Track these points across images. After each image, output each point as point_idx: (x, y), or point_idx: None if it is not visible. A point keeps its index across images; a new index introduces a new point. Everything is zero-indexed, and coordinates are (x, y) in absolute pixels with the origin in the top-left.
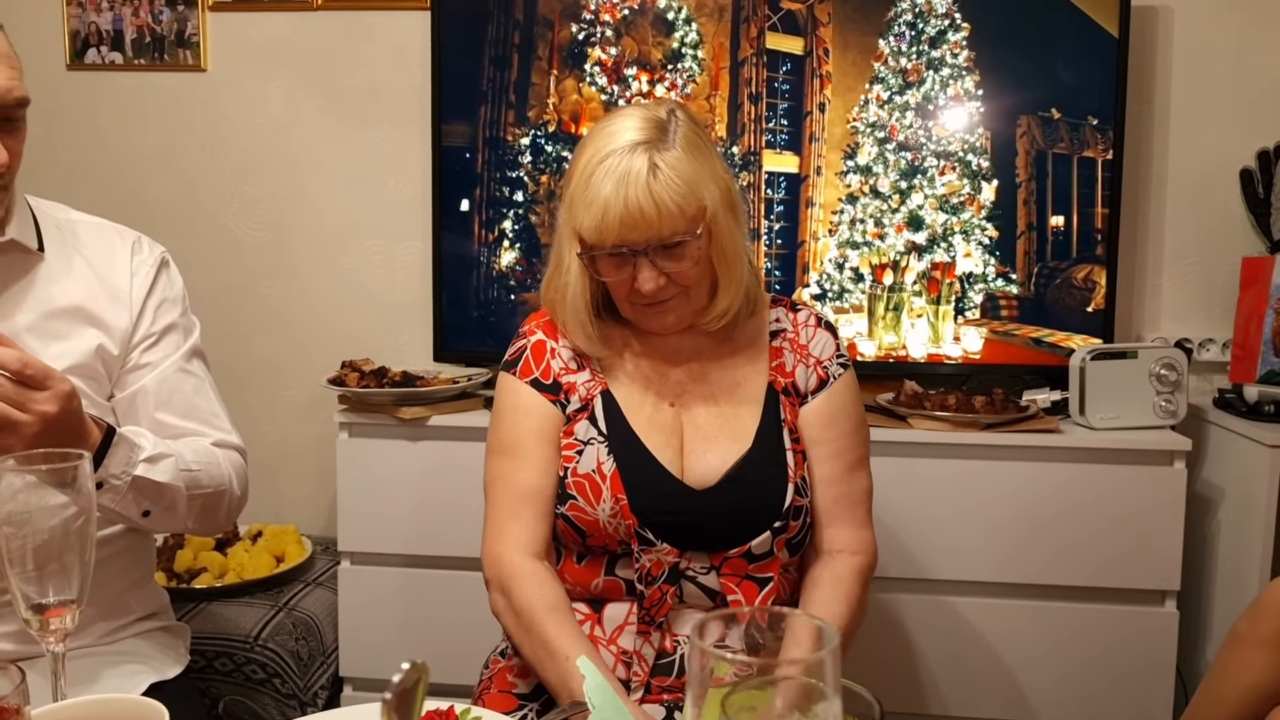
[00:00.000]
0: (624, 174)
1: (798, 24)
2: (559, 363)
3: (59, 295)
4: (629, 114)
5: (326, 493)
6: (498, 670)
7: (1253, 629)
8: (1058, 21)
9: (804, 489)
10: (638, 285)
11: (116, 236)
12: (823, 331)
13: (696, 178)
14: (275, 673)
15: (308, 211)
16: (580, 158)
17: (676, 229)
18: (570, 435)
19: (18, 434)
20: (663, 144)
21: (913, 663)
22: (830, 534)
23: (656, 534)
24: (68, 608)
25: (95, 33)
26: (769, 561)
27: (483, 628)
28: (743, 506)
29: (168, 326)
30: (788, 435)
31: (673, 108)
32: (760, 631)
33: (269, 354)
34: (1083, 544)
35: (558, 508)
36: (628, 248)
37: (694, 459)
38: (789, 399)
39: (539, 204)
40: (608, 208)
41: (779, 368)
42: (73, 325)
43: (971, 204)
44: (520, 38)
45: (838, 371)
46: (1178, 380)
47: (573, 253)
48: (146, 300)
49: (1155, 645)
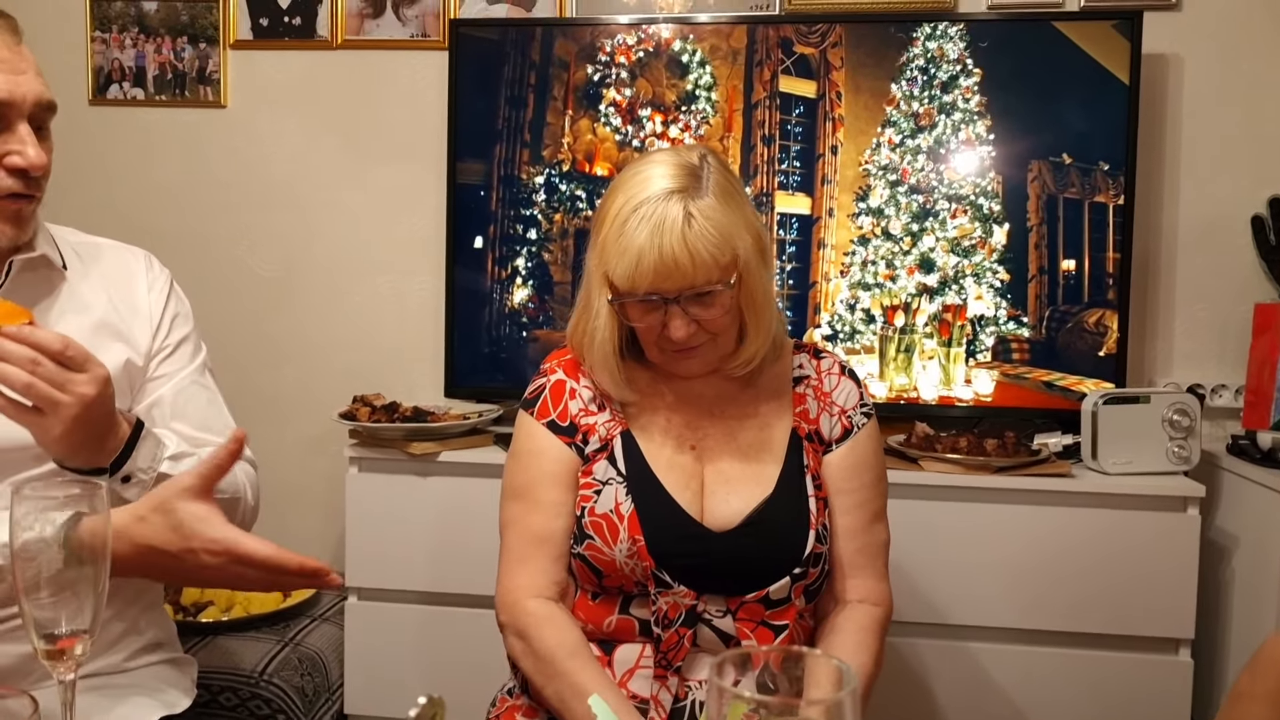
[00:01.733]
0: (659, 223)
1: (811, 68)
2: (578, 404)
3: (84, 311)
4: (661, 160)
5: (335, 527)
6: (505, 709)
7: (1252, 685)
8: (1069, 68)
9: (824, 536)
10: (668, 332)
11: (129, 254)
12: (847, 380)
13: (730, 227)
14: (280, 709)
15: (322, 247)
16: (612, 203)
17: (710, 278)
18: (589, 475)
19: (58, 415)
20: (696, 191)
21: (923, 707)
22: (851, 584)
23: (674, 576)
24: (79, 638)
25: (118, 69)
26: (786, 608)
27: (490, 666)
28: (763, 551)
29: (182, 338)
30: (810, 482)
31: (704, 153)
32: (773, 677)
33: (281, 387)
34: (1095, 590)
35: (574, 547)
36: (660, 295)
37: (714, 502)
38: (812, 445)
39: (552, 242)
40: (641, 257)
41: (803, 414)
42: (102, 340)
43: (983, 247)
44: (536, 78)
45: (861, 421)
46: (1191, 426)
47: (603, 298)
48: (163, 313)
49: (1169, 694)
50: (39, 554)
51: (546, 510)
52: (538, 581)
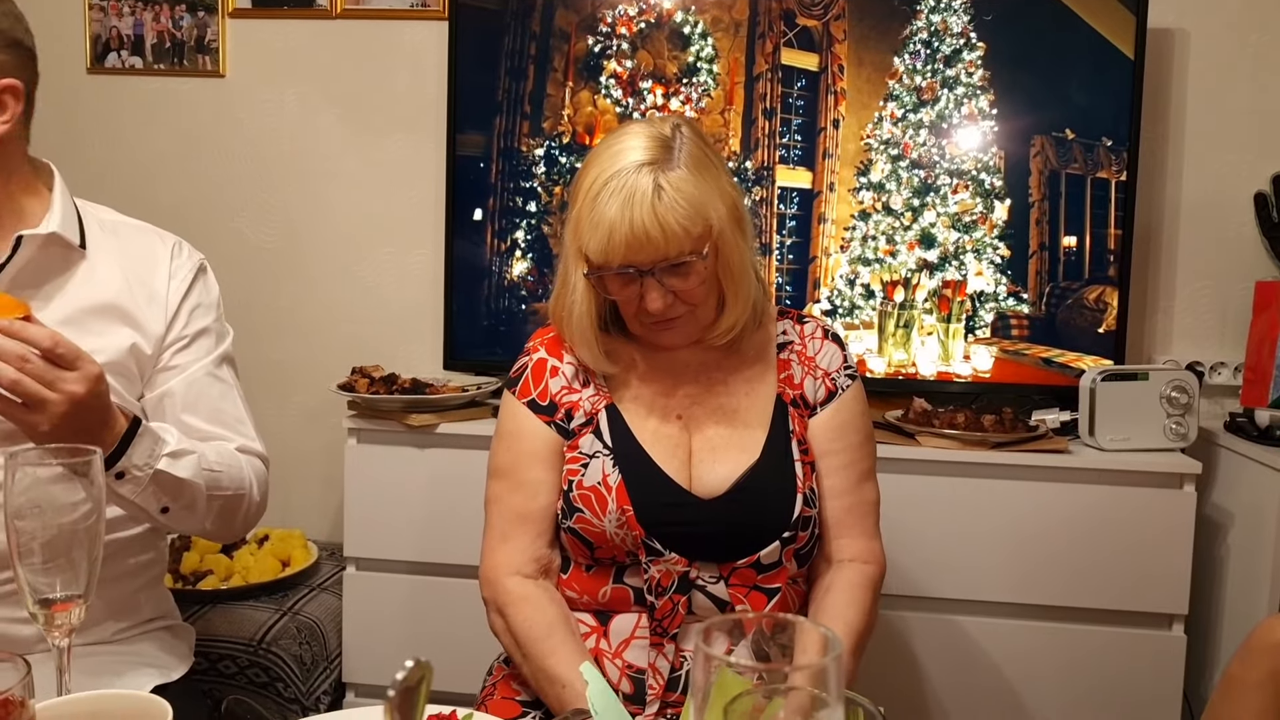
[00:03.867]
0: (629, 196)
1: (813, 40)
2: (560, 381)
3: (97, 292)
4: (633, 132)
5: (333, 498)
6: (501, 677)
7: (1244, 672)
8: (1073, 42)
9: (812, 500)
10: (645, 305)
11: (158, 239)
12: (830, 343)
13: (702, 197)
14: (278, 676)
15: (321, 218)
16: (585, 177)
17: (682, 250)
18: (575, 449)
19: (45, 412)
20: (668, 164)
21: (916, 682)
22: (841, 544)
23: (664, 544)
24: (74, 603)
25: (116, 37)
26: (777, 572)
27: (487, 636)
28: (751, 517)
29: (200, 331)
30: (796, 447)
31: (678, 124)
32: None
33: (280, 358)
34: (1090, 566)
35: (564, 521)
36: (634, 268)
37: (702, 470)
38: (797, 410)
39: (552, 215)
40: (613, 230)
41: (787, 380)
42: (108, 322)
43: (984, 223)
44: (537, 49)
45: (845, 383)
46: (1189, 403)
47: (578, 272)
48: (182, 303)
49: (1162, 670)
50: (34, 519)
51: (527, 489)
52: (516, 559)
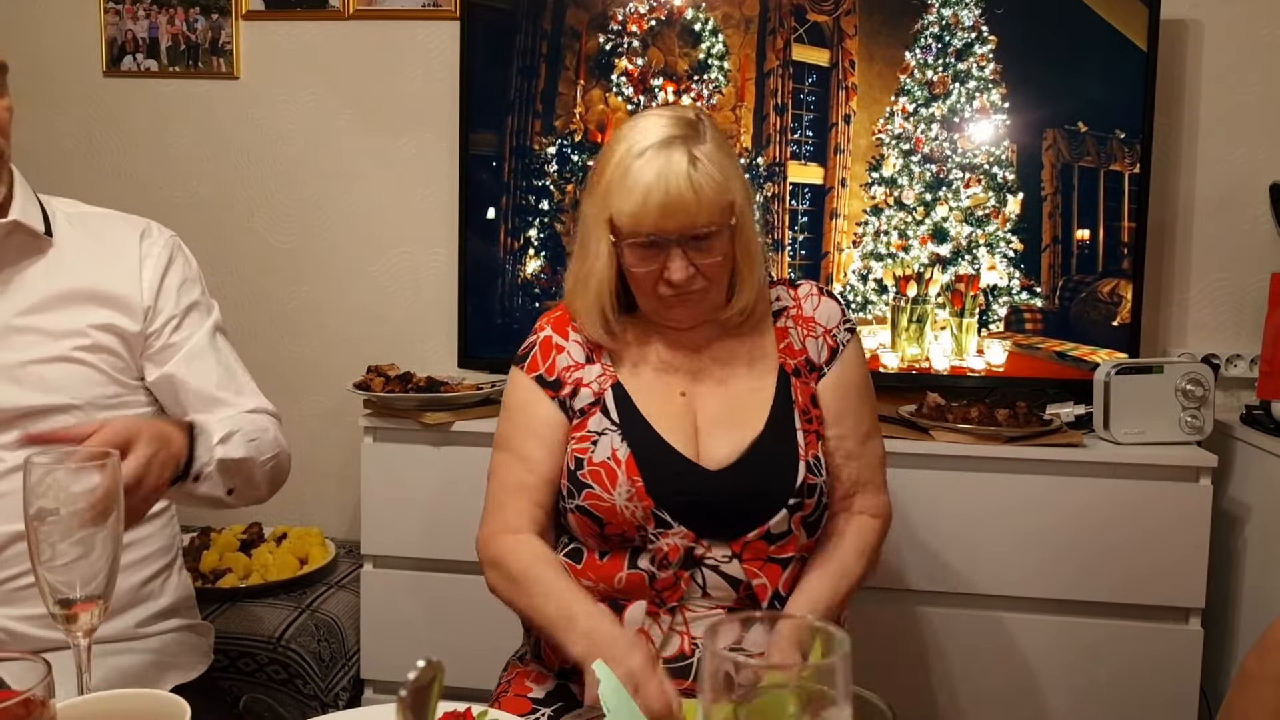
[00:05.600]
0: (665, 163)
1: (824, 36)
2: (566, 359)
3: (67, 278)
4: (659, 113)
5: (350, 496)
6: (515, 675)
7: (1260, 667)
8: (1085, 35)
9: (816, 468)
10: (668, 275)
11: (124, 223)
12: (826, 299)
13: (729, 171)
14: (297, 674)
15: (336, 218)
16: (613, 153)
17: (712, 218)
18: (583, 428)
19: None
20: (697, 139)
21: (930, 676)
22: (853, 500)
23: (673, 515)
24: (94, 603)
25: (131, 40)
26: (788, 541)
27: (503, 633)
28: (756, 486)
29: (191, 305)
30: (799, 416)
31: (698, 111)
32: None
33: (296, 358)
34: (1106, 559)
35: (574, 500)
36: (661, 236)
37: (708, 443)
38: (799, 380)
39: (564, 213)
40: (649, 194)
41: (787, 349)
42: (82, 306)
43: (996, 217)
44: (548, 48)
45: (845, 338)
46: (1204, 396)
47: (602, 242)
48: (164, 280)
49: (1179, 663)
50: (55, 520)
51: (527, 462)
52: (513, 522)
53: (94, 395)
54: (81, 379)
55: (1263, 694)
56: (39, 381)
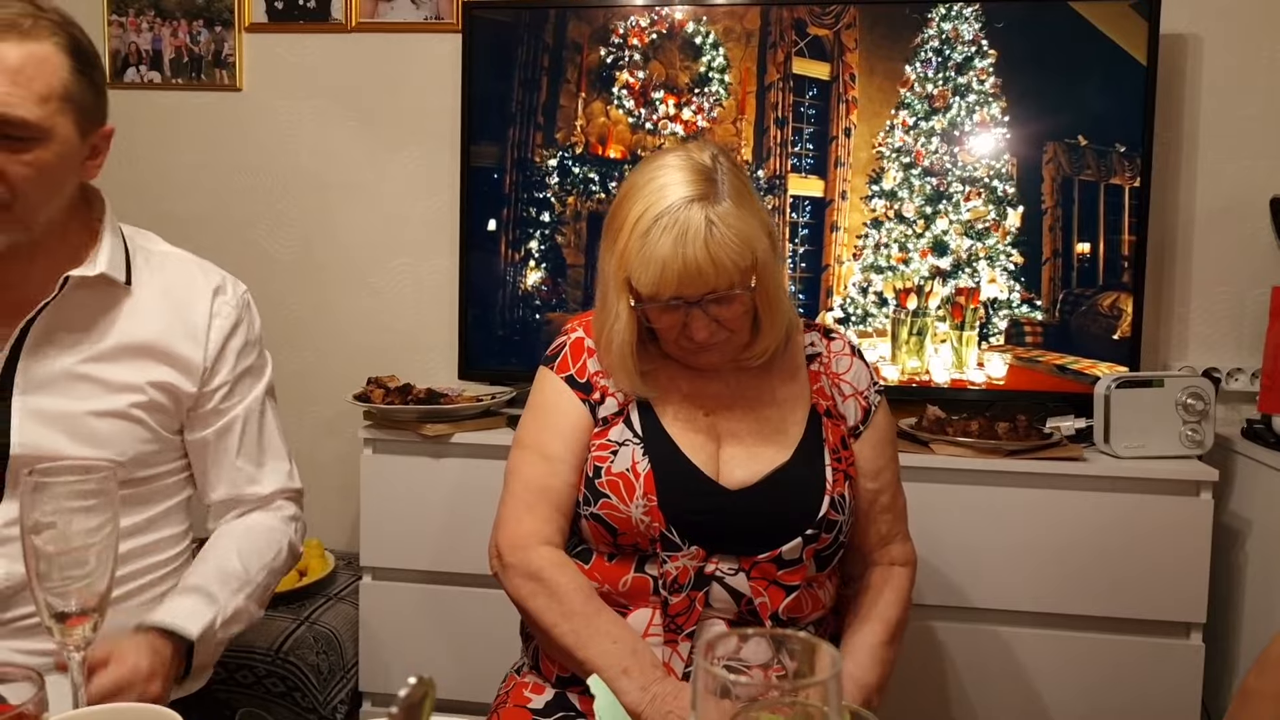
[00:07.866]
0: (682, 232)
1: (824, 49)
2: (596, 363)
3: (138, 330)
4: (673, 165)
5: (350, 508)
6: (513, 686)
7: (1261, 684)
8: (1085, 49)
9: (840, 505)
10: (689, 333)
11: (201, 275)
12: (858, 361)
13: (749, 230)
14: (295, 686)
15: (338, 230)
16: (629, 211)
17: (732, 282)
18: (604, 436)
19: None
20: (714, 197)
21: (932, 690)
22: (883, 551)
23: (686, 534)
24: (89, 617)
25: (135, 52)
26: (797, 569)
27: (502, 645)
28: (776, 508)
29: (246, 370)
30: (829, 454)
31: (715, 153)
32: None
33: (296, 369)
34: (1106, 574)
35: (589, 507)
36: (682, 299)
37: (730, 464)
38: (830, 420)
39: (565, 225)
40: (666, 266)
41: (819, 391)
42: (144, 361)
43: (997, 230)
44: (549, 61)
45: (875, 399)
46: (1205, 410)
47: (621, 301)
48: (227, 344)
49: (1180, 678)
50: (50, 534)
51: (553, 462)
52: (545, 530)
53: (138, 451)
54: (130, 436)
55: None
56: (90, 436)
